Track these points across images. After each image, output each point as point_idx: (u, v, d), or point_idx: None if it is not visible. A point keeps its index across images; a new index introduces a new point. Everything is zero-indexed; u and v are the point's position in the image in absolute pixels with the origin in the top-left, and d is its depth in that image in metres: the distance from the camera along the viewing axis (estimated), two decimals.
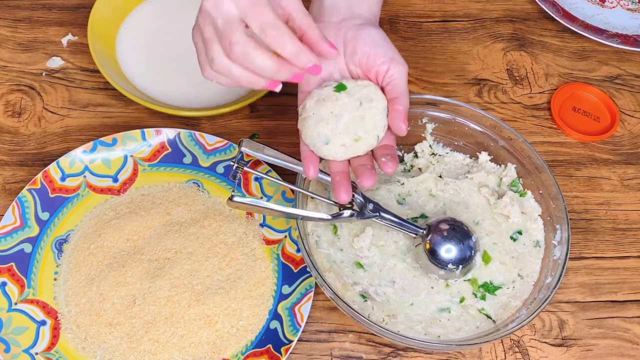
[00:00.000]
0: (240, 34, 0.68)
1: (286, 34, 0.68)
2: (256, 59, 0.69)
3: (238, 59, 0.69)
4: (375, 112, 0.76)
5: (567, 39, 1.09)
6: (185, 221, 0.85)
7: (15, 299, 0.79)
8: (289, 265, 0.84)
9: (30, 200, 0.85)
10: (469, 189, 0.87)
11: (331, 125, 0.75)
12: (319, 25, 0.73)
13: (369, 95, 0.76)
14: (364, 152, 0.76)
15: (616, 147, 1.00)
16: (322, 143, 0.76)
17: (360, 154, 0.76)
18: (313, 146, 0.76)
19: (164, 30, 1.01)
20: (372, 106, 0.76)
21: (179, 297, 0.80)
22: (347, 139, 0.75)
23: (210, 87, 0.97)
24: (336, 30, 0.78)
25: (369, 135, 0.75)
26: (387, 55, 0.77)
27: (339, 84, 0.77)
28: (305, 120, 0.76)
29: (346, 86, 0.77)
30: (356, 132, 0.75)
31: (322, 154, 0.76)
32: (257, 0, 0.68)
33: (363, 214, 0.78)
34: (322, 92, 0.77)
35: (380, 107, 0.76)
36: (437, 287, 0.81)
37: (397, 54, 0.78)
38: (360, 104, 0.76)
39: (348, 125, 0.75)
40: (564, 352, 0.83)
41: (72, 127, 0.94)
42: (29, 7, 1.04)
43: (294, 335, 0.79)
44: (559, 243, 0.82)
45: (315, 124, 0.76)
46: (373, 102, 0.76)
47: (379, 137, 0.76)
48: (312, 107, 0.76)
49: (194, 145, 0.91)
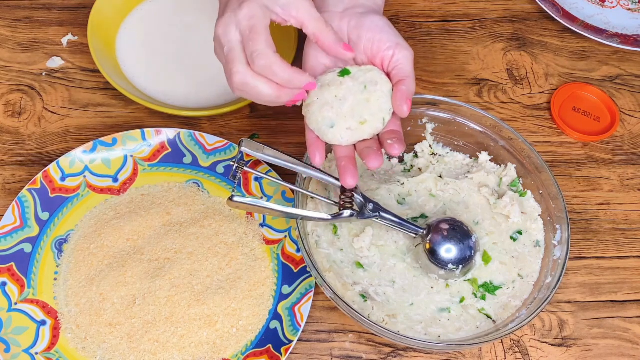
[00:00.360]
0: (240, 63, 0.71)
1: (275, 63, 0.70)
2: (257, 88, 0.71)
3: (239, 88, 0.72)
4: (381, 94, 0.75)
5: (567, 39, 1.09)
6: (185, 221, 0.85)
7: (15, 299, 0.79)
8: (289, 265, 0.84)
9: (30, 200, 0.85)
10: (469, 189, 0.87)
11: (336, 108, 0.75)
12: (323, 16, 0.74)
13: (373, 78, 0.76)
14: (370, 136, 0.75)
15: (616, 147, 1.00)
16: (327, 127, 0.75)
17: (366, 137, 0.75)
18: (318, 131, 0.76)
19: (164, 30, 1.01)
20: (377, 89, 0.75)
21: (179, 297, 0.80)
22: (353, 122, 0.74)
23: (210, 87, 0.97)
24: (340, 19, 0.78)
25: (375, 118, 0.75)
26: (391, 40, 0.77)
27: (342, 70, 0.77)
28: (310, 105, 0.76)
29: (350, 71, 0.77)
30: (362, 115, 0.74)
31: (328, 139, 0.75)
32: (254, 28, 0.70)
33: (363, 214, 0.78)
34: (326, 77, 0.77)
35: (386, 90, 0.75)
36: (437, 287, 0.81)
37: (401, 39, 0.78)
38: (364, 87, 0.75)
39: (353, 108, 0.75)
40: (564, 352, 0.83)
41: (72, 127, 0.94)
42: (29, 7, 1.04)
43: (294, 335, 0.79)
44: (559, 243, 0.82)
45: (319, 108, 0.75)
46: (378, 85, 0.75)
47: (385, 120, 0.75)
48: (316, 92, 0.76)
49: (194, 145, 0.91)
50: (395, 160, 0.91)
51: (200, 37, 1.01)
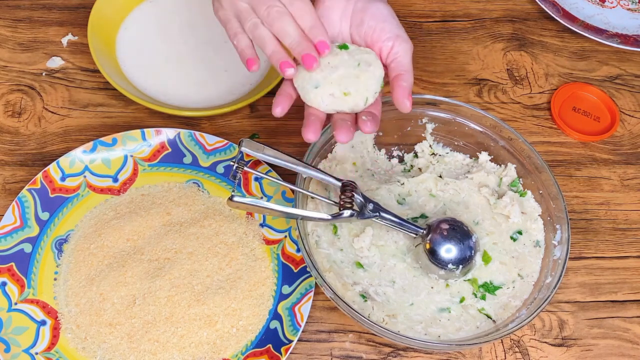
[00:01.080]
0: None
1: (310, 10, 0.74)
2: (283, 24, 0.75)
3: (269, 21, 0.75)
4: (371, 75, 0.76)
5: (567, 39, 1.09)
6: (185, 221, 0.85)
7: (15, 298, 0.79)
8: (289, 265, 0.84)
9: (30, 200, 0.85)
10: (469, 189, 0.87)
11: (325, 73, 0.76)
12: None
13: (368, 60, 0.77)
14: (349, 110, 0.76)
15: (616, 147, 1.00)
16: (311, 86, 0.76)
17: (345, 110, 0.76)
18: (302, 89, 0.76)
19: (164, 30, 1.01)
20: (369, 69, 0.76)
21: (179, 297, 0.80)
22: (337, 90, 0.76)
23: (210, 87, 0.97)
24: (347, 1, 0.79)
25: (359, 94, 0.76)
26: (392, 31, 0.78)
27: (342, 44, 0.78)
28: (302, 68, 0.77)
29: (348, 47, 0.78)
30: (347, 87, 0.76)
31: (309, 99, 0.76)
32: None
33: (363, 214, 0.78)
34: None
35: (377, 74, 0.77)
36: (437, 287, 0.81)
37: (402, 31, 0.79)
38: (358, 64, 0.76)
39: (341, 78, 0.76)
40: (564, 352, 0.83)
41: (72, 127, 0.94)
42: (29, 7, 1.04)
43: (294, 335, 0.79)
44: (559, 243, 0.82)
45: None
46: (371, 66, 0.77)
47: (368, 100, 0.76)
48: None
49: (194, 145, 0.91)
50: (395, 160, 0.91)
51: (200, 37, 1.01)
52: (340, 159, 0.88)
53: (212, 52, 1.00)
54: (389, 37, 0.77)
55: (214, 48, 0.99)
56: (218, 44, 0.99)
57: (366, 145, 0.90)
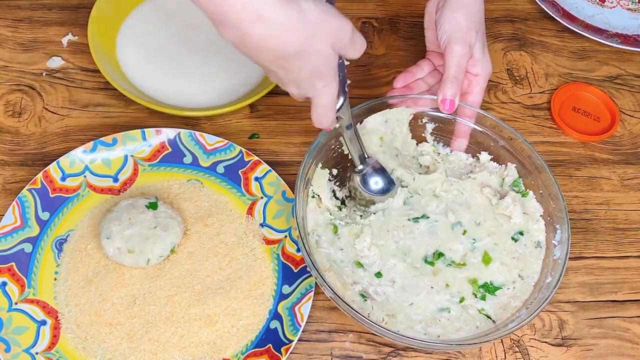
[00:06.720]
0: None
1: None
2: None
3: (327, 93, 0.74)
4: (161, 241, 0.81)
5: (567, 39, 1.09)
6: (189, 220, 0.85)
7: (15, 298, 0.79)
8: (289, 265, 0.84)
9: (31, 200, 0.85)
10: (471, 189, 0.87)
11: (122, 227, 0.81)
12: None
13: (167, 224, 0.82)
14: (130, 265, 0.81)
15: (616, 147, 1.00)
16: (104, 235, 0.81)
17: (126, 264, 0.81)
18: (99, 234, 0.82)
19: (164, 30, 1.01)
20: (162, 235, 0.81)
21: (179, 297, 0.80)
22: (123, 246, 0.81)
23: (210, 87, 0.97)
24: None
25: (142, 255, 0.81)
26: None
27: (152, 202, 0.83)
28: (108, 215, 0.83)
29: (157, 207, 0.83)
30: (133, 246, 0.80)
31: (102, 244, 0.81)
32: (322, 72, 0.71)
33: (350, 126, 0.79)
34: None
35: (168, 241, 0.82)
36: (437, 287, 0.81)
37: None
38: (155, 227, 0.82)
39: (132, 236, 0.81)
40: (564, 352, 0.83)
41: (72, 127, 0.94)
42: (29, 7, 1.04)
43: (294, 335, 0.79)
44: (559, 243, 0.81)
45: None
46: (166, 232, 0.82)
47: (150, 261, 0.81)
48: None
49: (194, 145, 0.91)
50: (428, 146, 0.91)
51: (200, 37, 1.01)
52: (369, 129, 0.87)
53: (212, 52, 1.00)
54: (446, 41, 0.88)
55: (214, 48, 0.99)
56: (218, 44, 0.99)
57: (402, 123, 0.89)
